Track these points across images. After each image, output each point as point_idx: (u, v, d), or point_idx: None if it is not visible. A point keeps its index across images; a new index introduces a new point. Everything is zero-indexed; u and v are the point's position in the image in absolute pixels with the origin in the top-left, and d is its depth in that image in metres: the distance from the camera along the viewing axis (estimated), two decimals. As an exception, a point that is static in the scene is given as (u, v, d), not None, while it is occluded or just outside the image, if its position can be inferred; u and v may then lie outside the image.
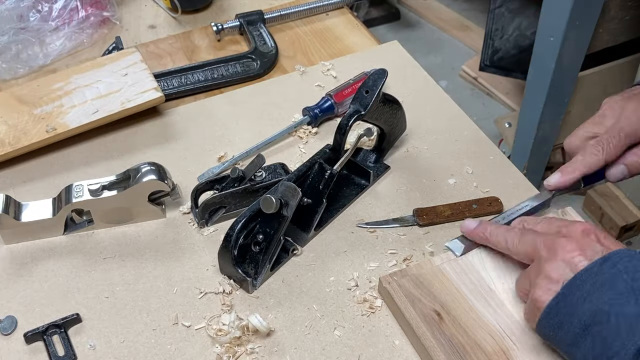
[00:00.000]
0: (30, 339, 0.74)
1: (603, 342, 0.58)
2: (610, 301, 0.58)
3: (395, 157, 0.96)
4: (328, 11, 1.27)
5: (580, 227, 0.67)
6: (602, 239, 0.66)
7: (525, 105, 1.88)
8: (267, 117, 1.03)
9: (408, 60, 1.14)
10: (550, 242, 0.66)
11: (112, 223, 0.86)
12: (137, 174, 0.83)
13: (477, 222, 0.77)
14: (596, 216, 2.10)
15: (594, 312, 0.59)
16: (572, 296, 0.60)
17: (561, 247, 0.65)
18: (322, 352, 0.72)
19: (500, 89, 2.62)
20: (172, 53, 1.18)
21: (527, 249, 0.69)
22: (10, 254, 0.84)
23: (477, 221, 0.77)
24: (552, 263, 0.64)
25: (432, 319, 0.70)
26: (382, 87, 0.83)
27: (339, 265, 0.81)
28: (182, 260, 0.82)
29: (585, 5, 1.57)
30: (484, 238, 0.75)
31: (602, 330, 0.58)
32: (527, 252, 0.69)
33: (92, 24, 1.20)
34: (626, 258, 0.61)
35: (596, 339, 0.58)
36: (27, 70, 1.13)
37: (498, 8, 2.07)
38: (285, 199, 0.76)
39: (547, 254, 0.65)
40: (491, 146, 0.97)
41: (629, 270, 0.60)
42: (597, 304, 0.59)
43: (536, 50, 1.73)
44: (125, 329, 0.75)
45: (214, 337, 0.73)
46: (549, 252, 0.65)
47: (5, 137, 0.95)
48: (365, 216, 0.87)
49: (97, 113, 0.97)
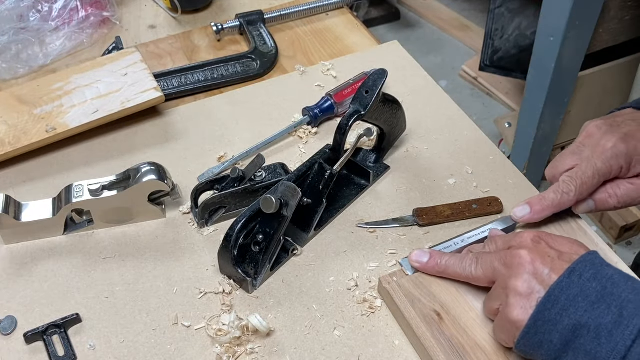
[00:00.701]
0: (30, 339, 0.74)
1: (586, 355, 0.58)
2: (586, 313, 0.58)
3: (395, 157, 0.96)
4: (328, 11, 1.27)
5: (527, 236, 0.67)
6: (551, 244, 0.66)
7: (525, 105, 1.88)
8: (267, 117, 1.03)
9: (408, 60, 1.14)
10: (507, 258, 0.66)
11: (112, 223, 0.86)
12: (137, 174, 0.83)
13: (426, 253, 0.74)
14: (596, 216, 2.10)
15: (574, 327, 0.58)
16: (549, 313, 0.60)
17: (520, 260, 0.64)
18: (322, 352, 0.72)
19: (500, 89, 2.62)
20: (172, 53, 1.18)
21: (485, 272, 0.68)
22: (10, 254, 0.84)
23: (426, 253, 0.74)
24: (517, 278, 0.63)
25: (432, 319, 0.70)
26: (382, 87, 0.83)
27: (339, 265, 0.81)
28: (182, 260, 0.83)
29: (585, 5, 1.57)
30: (439, 271, 0.73)
31: (584, 344, 0.58)
32: (487, 275, 0.68)
33: (92, 24, 1.20)
34: (589, 266, 0.61)
35: (579, 353, 0.58)
36: (27, 70, 1.13)
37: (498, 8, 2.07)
38: (285, 199, 0.76)
39: (507, 271, 0.65)
40: (491, 146, 0.97)
41: (597, 278, 0.60)
42: (575, 318, 0.58)
43: (536, 50, 1.73)
44: (125, 329, 0.75)
45: (214, 337, 0.73)
46: (509, 269, 0.65)
47: (5, 137, 0.95)
48: (365, 216, 0.87)
49: (97, 113, 0.97)
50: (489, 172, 0.93)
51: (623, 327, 0.57)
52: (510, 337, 0.64)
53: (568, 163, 0.77)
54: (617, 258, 0.77)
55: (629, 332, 0.56)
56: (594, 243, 0.78)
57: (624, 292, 0.59)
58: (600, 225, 2.10)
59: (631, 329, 0.56)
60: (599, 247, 0.77)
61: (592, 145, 0.75)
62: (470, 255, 0.71)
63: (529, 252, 0.64)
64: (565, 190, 0.75)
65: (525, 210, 0.77)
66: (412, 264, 0.75)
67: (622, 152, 0.73)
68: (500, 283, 0.66)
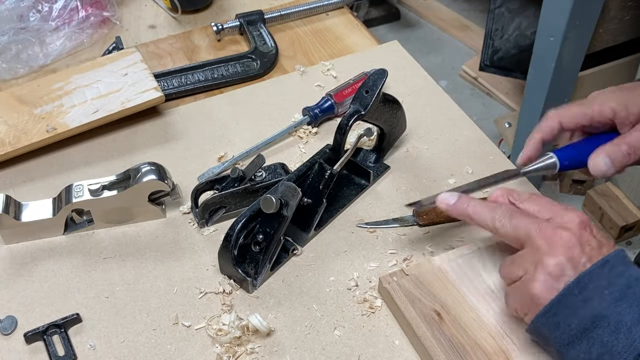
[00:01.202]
0: (30, 339, 0.74)
1: (602, 346, 0.58)
2: (609, 307, 0.58)
3: (395, 157, 0.96)
4: (328, 11, 1.27)
5: (576, 218, 0.64)
6: (595, 233, 0.65)
7: (525, 105, 1.88)
8: (267, 117, 1.03)
9: (408, 60, 1.14)
10: (550, 233, 0.63)
11: (112, 223, 0.86)
12: (137, 174, 0.83)
13: (455, 195, 0.71)
14: (596, 216, 2.10)
15: (595, 317, 0.59)
16: (574, 298, 0.60)
17: (562, 241, 0.62)
18: (322, 352, 0.72)
19: (500, 89, 2.62)
20: (172, 53, 1.18)
21: (519, 234, 0.65)
22: (10, 254, 0.84)
23: (455, 195, 0.71)
24: (553, 258, 0.61)
25: (432, 319, 0.70)
26: (382, 87, 0.83)
27: (339, 265, 0.81)
28: (182, 260, 0.83)
29: (585, 5, 1.57)
30: (465, 215, 0.70)
31: (602, 335, 0.58)
32: (519, 237, 0.65)
33: (92, 24, 1.20)
34: (621, 262, 0.61)
35: (594, 344, 0.58)
36: (27, 70, 1.13)
37: (498, 8, 2.07)
38: (285, 199, 0.76)
39: (546, 247, 0.62)
40: (491, 146, 0.97)
41: (625, 275, 0.60)
42: (598, 309, 0.59)
43: (536, 50, 1.73)
44: (125, 329, 0.75)
45: (214, 337, 0.73)
46: (548, 245, 0.62)
47: (5, 137, 0.95)
48: (365, 216, 0.87)
49: (97, 113, 0.97)
50: (489, 172, 0.92)
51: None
52: (524, 308, 0.63)
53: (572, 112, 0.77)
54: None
55: None
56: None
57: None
58: (600, 225, 2.10)
59: None
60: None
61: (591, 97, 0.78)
62: (504, 207, 0.67)
63: (574, 236, 0.62)
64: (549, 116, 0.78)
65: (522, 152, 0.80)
66: (439, 204, 0.72)
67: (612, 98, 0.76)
68: (531, 253, 0.63)
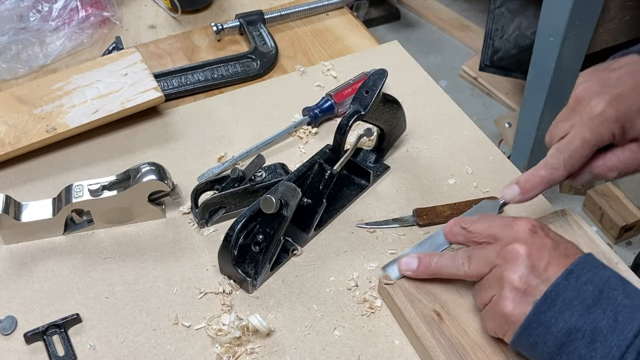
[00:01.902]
0: (30, 339, 0.74)
1: (580, 359, 0.57)
2: (582, 318, 0.58)
3: (395, 157, 0.96)
4: (328, 11, 1.27)
5: (525, 225, 0.65)
6: (548, 234, 0.65)
7: (525, 105, 1.88)
8: (267, 117, 1.03)
9: (408, 60, 1.14)
10: (506, 252, 0.63)
11: (112, 223, 0.86)
12: (137, 174, 0.83)
13: (414, 259, 0.72)
14: (596, 216, 2.10)
15: (568, 331, 0.58)
16: (544, 315, 0.59)
17: (518, 253, 0.62)
18: (322, 352, 0.72)
19: (500, 89, 2.62)
20: (172, 53, 1.18)
21: (480, 268, 0.66)
22: (10, 254, 0.84)
23: (414, 258, 0.72)
24: (515, 272, 0.61)
25: (432, 319, 0.70)
26: (382, 87, 0.83)
27: (339, 265, 0.81)
28: (182, 260, 0.83)
29: (585, 5, 1.57)
30: (432, 273, 0.71)
31: (578, 348, 0.57)
32: (482, 270, 0.65)
33: (92, 24, 1.20)
34: (587, 268, 0.60)
35: (573, 357, 0.58)
36: (27, 70, 1.13)
37: (498, 8, 2.07)
38: (285, 199, 0.76)
39: (505, 264, 0.63)
40: (491, 146, 0.97)
41: (594, 281, 0.59)
42: (570, 322, 0.58)
43: (536, 50, 1.73)
44: (125, 329, 0.75)
45: (214, 337, 0.73)
46: (507, 262, 0.63)
47: (5, 137, 0.95)
48: (365, 216, 0.87)
49: (97, 113, 0.97)
50: (489, 172, 0.93)
51: (618, 332, 0.56)
52: (500, 328, 0.63)
53: (561, 130, 0.71)
54: (617, 258, 0.76)
55: (624, 338, 0.56)
56: (594, 243, 0.77)
57: (619, 295, 0.58)
58: (600, 225, 2.10)
59: (625, 334, 0.56)
60: (599, 247, 0.77)
61: (581, 110, 0.69)
62: (461, 252, 0.68)
63: (525, 245, 0.63)
64: (554, 165, 0.69)
65: (514, 190, 0.72)
66: (403, 272, 0.73)
67: (612, 118, 0.67)
68: (495, 274, 0.64)
